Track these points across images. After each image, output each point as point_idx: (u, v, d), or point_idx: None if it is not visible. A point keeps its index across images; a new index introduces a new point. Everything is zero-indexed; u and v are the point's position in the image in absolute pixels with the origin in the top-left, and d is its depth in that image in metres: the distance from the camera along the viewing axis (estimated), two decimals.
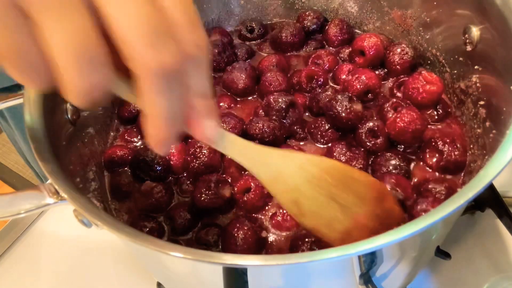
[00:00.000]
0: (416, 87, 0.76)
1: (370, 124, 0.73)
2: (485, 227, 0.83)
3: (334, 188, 0.57)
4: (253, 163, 0.54)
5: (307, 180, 0.56)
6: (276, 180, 0.55)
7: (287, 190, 0.56)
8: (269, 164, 0.54)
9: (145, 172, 0.73)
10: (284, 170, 0.55)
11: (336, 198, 0.57)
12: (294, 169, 0.56)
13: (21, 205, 0.54)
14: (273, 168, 0.55)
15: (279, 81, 0.83)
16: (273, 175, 0.55)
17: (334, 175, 0.58)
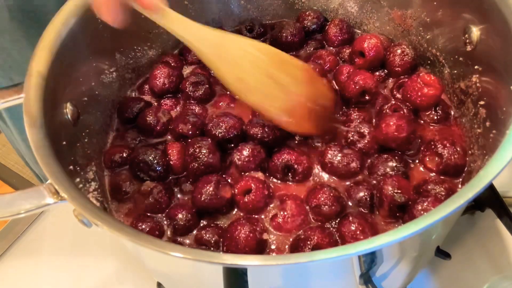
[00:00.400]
0: (415, 90, 0.76)
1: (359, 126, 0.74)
2: (485, 227, 0.83)
3: (271, 68, 0.64)
4: (195, 38, 0.58)
5: (247, 59, 0.62)
6: (219, 56, 0.60)
7: (230, 67, 0.62)
8: (210, 40, 0.59)
9: (145, 172, 0.73)
10: (223, 46, 0.61)
11: (274, 77, 0.64)
12: (234, 47, 0.62)
13: (21, 205, 0.54)
14: (214, 44, 0.60)
15: None
16: (215, 51, 0.60)
17: (270, 57, 0.65)
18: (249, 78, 0.63)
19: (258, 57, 0.64)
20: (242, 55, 0.63)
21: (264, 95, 0.65)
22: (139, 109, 0.83)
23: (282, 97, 0.66)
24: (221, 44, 0.61)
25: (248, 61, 0.63)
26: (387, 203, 0.64)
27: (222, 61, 0.61)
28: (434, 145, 0.70)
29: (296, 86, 0.67)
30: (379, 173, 0.70)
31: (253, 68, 0.63)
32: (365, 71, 0.81)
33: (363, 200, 0.67)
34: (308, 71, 0.70)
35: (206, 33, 0.60)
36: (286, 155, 0.71)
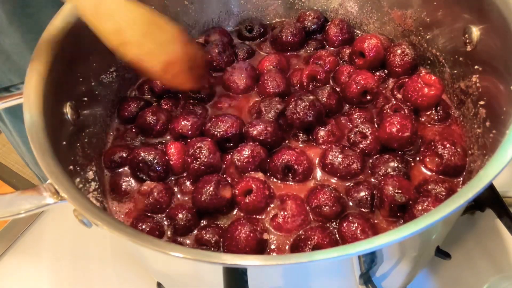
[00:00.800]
0: (416, 90, 0.76)
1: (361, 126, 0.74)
2: (485, 227, 0.83)
3: (148, 25, 0.70)
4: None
5: (123, 13, 0.67)
6: (96, 13, 0.65)
7: (107, 21, 0.66)
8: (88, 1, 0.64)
9: (145, 172, 0.73)
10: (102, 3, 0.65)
11: (152, 34, 0.70)
12: (111, 3, 0.66)
13: (21, 205, 0.54)
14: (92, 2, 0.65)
15: (277, 82, 0.83)
16: (92, 8, 0.65)
17: (147, 15, 0.70)
18: (129, 32, 0.68)
19: (135, 12, 0.68)
20: (119, 10, 0.67)
21: (142, 50, 0.70)
22: (139, 109, 0.83)
23: (161, 53, 0.72)
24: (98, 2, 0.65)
25: (125, 16, 0.67)
26: (387, 203, 0.64)
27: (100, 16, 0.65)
28: (434, 145, 0.70)
29: (172, 45, 0.73)
30: (380, 173, 0.70)
31: (131, 22, 0.68)
32: (366, 71, 0.81)
33: (364, 200, 0.67)
34: (180, 33, 0.75)
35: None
36: (286, 156, 0.71)
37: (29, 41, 0.92)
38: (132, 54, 0.69)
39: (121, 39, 0.68)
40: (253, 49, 0.96)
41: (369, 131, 0.73)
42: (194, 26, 0.99)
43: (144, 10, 0.70)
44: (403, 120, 0.71)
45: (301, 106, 0.73)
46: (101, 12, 0.65)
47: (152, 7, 0.89)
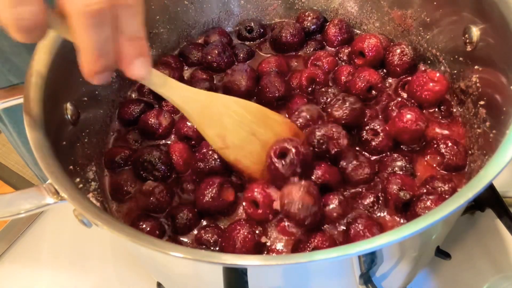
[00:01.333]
0: (421, 85, 0.76)
1: (372, 123, 0.74)
2: (485, 227, 0.83)
3: (254, 124, 0.67)
4: (182, 100, 0.61)
5: (230, 117, 0.65)
6: (203, 114, 0.63)
7: (212, 125, 0.64)
8: (197, 101, 0.62)
9: (149, 172, 0.73)
10: (209, 106, 0.64)
11: (256, 134, 0.67)
12: (218, 106, 0.64)
13: (21, 205, 0.54)
14: (200, 104, 0.63)
15: (277, 87, 0.82)
16: (200, 110, 0.63)
17: (254, 113, 0.67)
18: (231, 136, 0.66)
19: (243, 115, 0.66)
20: (225, 113, 0.65)
21: (245, 152, 0.67)
22: (139, 112, 0.83)
23: (262, 153, 0.66)
24: (206, 104, 0.64)
25: (231, 118, 0.65)
26: (392, 202, 0.64)
27: (205, 119, 0.64)
28: (437, 143, 0.71)
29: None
30: (387, 171, 0.70)
31: (236, 125, 0.66)
32: (369, 68, 0.81)
33: (370, 204, 0.67)
34: (287, 125, 0.71)
35: (192, 94, 0.63)
36: None
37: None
38: (232, 157, 0.67)
39: (223, 143, 0.65)
40: (252, 50, 0.96)
41: (380, 128, 0.73)
42: (194, 26, 0.99)
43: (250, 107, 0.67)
44: (419, 113, 0.71)
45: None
46: (207, 115, 0.64)
47: (152, 7, 0.89)
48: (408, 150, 0.74)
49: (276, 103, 0.83)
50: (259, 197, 0.65)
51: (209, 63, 0.90)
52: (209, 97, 0.64)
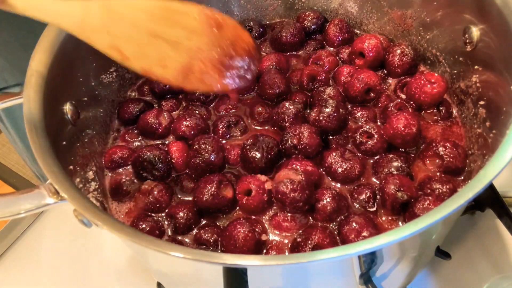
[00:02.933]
0: (419, 87, 0.76)
1: (366, 126, 0.74)
2: (485, 227, 0.83)
3: (153, 24, 0.55)
4: (54, 16, 0.52)
5: (117, 21, 0.54)
6: (83, 28, 0.53)
7: (100, 37, 0.54)
8: (71, 15, 0.52)
9: (149, 171, 0.73)
10: (88, 17, 0.53)
11: (161, 35, 0.55)
12: (99, 13, 0.53)
13: (21, 205, 0.54)
14: (77, 18, 0.53)
15: (277, 83, 0.83)
16: (79, 24, 0.53)
17: (150, 11, 0.55)
18: (126, 44, 0.55)
19: (132, 15, 0.54)
20: (112, 19, 0.54)
21: (150, 58, 0.56)
22: (139, 111, 0.83)
23: (174, 55, 0.56)
24: (84, 15, 0.53)
25: (120, 23, 0.54)
26: (389, 202, 0.64)
27: (88, 32, 0.53)
28: (436, 145, 0.70)
29: (191, 39, 0.56)
30: (383, 173, 0.70)
31: (129, 30, 0.54)
32: (368, 69, 0.81)
33: (366, 200, 0.67)
34: (206, 16, 0.58)
35: (64, 8, 0.52)
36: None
37: (21, 39, 0.90)
38: (138, 67, 0.56)
39: (120, 54, 0.55)
40: None
41: (374, 130, 0.73)
42: None
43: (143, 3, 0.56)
44: (410, 117, 0.71)
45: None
46: (89, 28, 0.53)
47: None
48: (405, 152, 0.74)
49: (276, 99, 0.83)
50: (251, 184, 0.67)
51: None
52: (84, 7, 0.53)
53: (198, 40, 0.56)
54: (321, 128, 0.74)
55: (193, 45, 0.56)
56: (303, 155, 0.71)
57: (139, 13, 0.55)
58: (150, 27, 0.55)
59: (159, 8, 0.56)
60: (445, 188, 0.65)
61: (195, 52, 0.56)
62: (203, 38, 0.57)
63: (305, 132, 0.71)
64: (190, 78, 0.57)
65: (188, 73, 0.57)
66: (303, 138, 0.71)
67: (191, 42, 0.56)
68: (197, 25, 0.56)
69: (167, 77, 0.57)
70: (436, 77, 0.76)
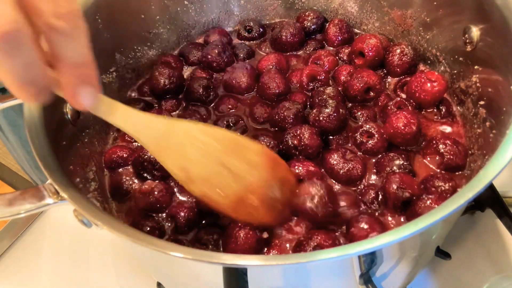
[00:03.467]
0: (419, 86, 0.76)
1: (366, 126, 0.74)
2: (485, 227, 0.83)
3: (224, 155, 0.58)
4: (136, 129, 0.54)
5: (194, 146, 0.56)
6: (160, 145, 0.55)
7: (173, 156, 0.56)
8: (153, 129, 0.54)
9: (149, 171, 0.73)
10: (169, 135, 0.55)
11: (227, 165, 0.58)
12: (179, 135, 0.56)
13: (21, 205, 0.54)
14: (157, 134, 0.55)
15: (277, 83, 0.83)
16: (157, 141, 0.55)
17: (223, 143, 0.58)
18: (196, 169, 0.57)
19: (209, 144, 0.57)
20: (188, 143, 0.57)
21: (212, 185, 0.58)
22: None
23: (234, 186, 0.59)
24: (164, 133, 0.55)
25: (196, 148, 0.57)
26: (391, 200, 0.64)
27: (164, 150, 0.56)
28: (436, 143, 0.70)
29: (251, 173, 0.60)
30: (386, 171, 0.70)
31: (202, 156, 0.57)
32: (368, 69, 0.81)
33: (370, 200, 0.67)
34: (266, 155, 0.62)
35: (147, 122, 0.55)
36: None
37: None
38: (198, 191, 0.58)
39: (187, 176, 0.57)
40: (252, 50, 0.96)
41: (374, 130, 0.73)
42: (194, 26, 0.99)
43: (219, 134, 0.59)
44: (410, 115, 0.71)
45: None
46: (166, 147, 0.55)
47: (152, 7, 0.89)
48: (405, 150, 0.74)
49: (276, 99, 0.83)
50: None
51: (209, 62, 0.90)
52: (167, 125, 0.56)
53: (256, 176, 0.60)
54: (321, 129, 0.74)
55: (251, 179, 0.59)
56: (303, 156, 0.71)
57: (213, 142, 0.58)
58: (220, 156, 0.58)
59: (230, 140, 0.59)
60: (448, 185, 0.65)
61: (252, 187, 0.59)
62: (261, 174, 0.60)
63: (306, 133, 0.71)
64: (240, 210, 0.60)
65: (240, 205, 0.59)
66: (304, 139, 0.71)
67: (250, 176, 0.59)
68: (259, 161, 0.60)
69: (222, 205, 0.59)
70: (437, 76, 0.76)
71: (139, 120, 0.54)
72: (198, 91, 0.84)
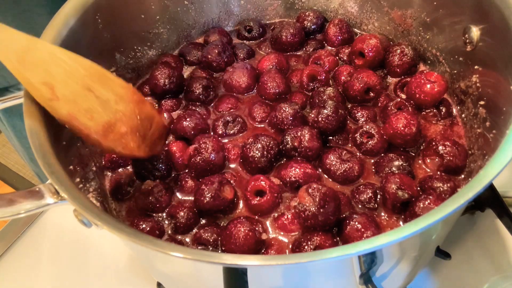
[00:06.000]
0: (419, 87, 0.76)
1: (366, 126, 0.74)
2: (485, 227, 0.83)
3: (89, 80, 0.61)
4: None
5: (59, 65, 0.58)
6: (23, 59, 0.56)
7: (36, 71, 0.57)
8: (15, 43, 0.56)
9: (149, 171, 0.73)
10: (32, 51, 0.57)
11: (93, 90, 0.61)
12: (43, 52, 0.58)
13: (21, 205, 0.54)
14: (18, 47, 0.56)
15: (277, 83, 0.83)
16: (19, 54, 0.56)
17: (88, 69, 0.62)
18: (61, 86, 0.58)
19: (72, 66, 0.60)
20: (52, 61, 0.58)
21: (79, 107, 0.60)
22: None
23: (101, 111, 0.61)
24: (28, 47, 0.57)
25: (60, 68, 0.58)
26: (390, 201, 0.64)
27: (27, 65, 0.57)
28: (436, 145, 0.70)
29: (118, 104, 0.63)
30: (385, 172, 0.70)
31: (66, 75, 0.59)
32: (368, 69, 0.81)
33: (367, 200, 0.67)
34: (131, 91, 0.66)
35: (10, 35, 0.56)
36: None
37: None
38: (64, 111, 0.59)
39: (51, 93, 0.58)
40: (252, 50, 0.96)
41: (374, 130, 0.73)
42: (194, 26, 0.99)
43: (85, 62, 0.62)
44: (410, 116, 0.71)
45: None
46: (29, 61, 0.56)
47: (152, 7, 0.89)
48: (404, 151, 0.74)
49: (276, 99, 0.83)
50: (264, 184, 0.67)
51: (209, 62, 0.90)
52: (30, 40, 0.57)
53: (123, 106, 0.64)
54: (320, 129, 0.74)
55: (119, 108, 0.63)
56: (303, 157, 0.71)
57: (78, 67, 0.60)
58: (86, 81, 0.60)
59: (96, 70, 0.63)
60: (446, 186, 0.65)
61: (120, 115, 0.63)
62: (128, 106, 0.64)
63: (306, 135, 0.71)
64: (109, 136, 0.62)
65: (108, 131, 0.62)
66: (304, 141, 0.71)
67: (117, 105, 0.63)
68: (124, 93, 0.65)
69: (89, 127, 0.61)
70: (436, 76, 0.76)
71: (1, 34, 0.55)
72: (198, 90, 0.84)
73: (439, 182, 0.66)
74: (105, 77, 0.63)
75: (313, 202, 0.61)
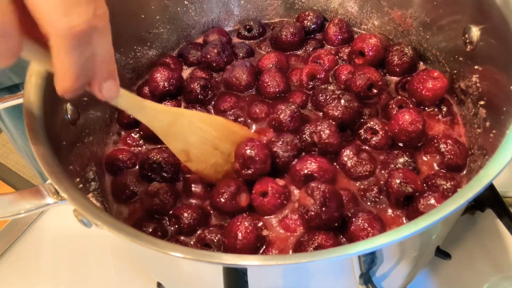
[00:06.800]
0: (421, 83, 0.77)
1: (370, 122, 0.74)
2: (485, 227, 0.83)
3: (217, 139, 0.70)
4: (149, 119, 0.64)
5: (194, 134, 0.68)
6: (168, 132, 0.66)
7: (177, 141, 0.68)
8: (162, 120, 0.65)
9: (157, 173, 0.73)
10: (175, 124, 0.66)
11: (218, 148, 0.70)
12: (184, 124, 0.67)
13: (21, 205, 0.54)
14: (165, 123, 0.65)
15: (277, 82, 0.83)
16: (166, 128, 0.66)
17: (218, 129, 0.70)
18: (194, 151, 0.69)
19: (206, 131, 0.69)
20: (190, 131, 0.68)
21: (207, 164, 0.70)
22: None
23: (224, 165, 0.71)
24: (172, 122, 0.66)
25: (196, 136, 0.68)
26: (393, 195, 0.64)
27: (171, 136, 0.67)
28: (437, 142, 0.71)
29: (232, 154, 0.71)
30: (390, 168, 0.70)
31: (200, 141, 0.69)
32: (369, 66, 0.82)
33: (373, 196, 0.67)
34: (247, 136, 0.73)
35: (158, 114, 0.64)
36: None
37: None
38: (194, 169, 0.71)
39: (187, 157, 0.69)
40: (252, 49, 0.96)
41: (379, 127, 0.73)
42: (194, 26, 0.99)
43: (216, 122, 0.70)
44: (416, 114, 0.72)
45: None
46: (172, 133, 0.66)
47: (152, 7, 0.89)
48: (407, 147, 0.74)
49: (276, 98, 0.83)
50: (268, 187, 0.67)
51: (209, 62, 0.90)
52: (174, 115, 0.66)
53: None
54: (339, 120, 0.73)
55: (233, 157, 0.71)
56: (321, 152, 0.71)
57: (211, 130, 0.69)
58: (215, 142, 0.70)
59: (225, 128, 0.71)
60: (449, 184, 0.66)
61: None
62: None
63: (326, 130, 0.71)
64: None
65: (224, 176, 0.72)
66: (324, 136, 0.71)
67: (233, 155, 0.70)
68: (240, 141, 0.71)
69: (211, 177, 0.72)
70: (438, 73, 0.77)
71: (152, 112, 0.63)
72: (196, 90, 0.84)
73: (443, 179, 0.66)
74: (231, 132, 0.71)
75: (314, 202, 0.61)
